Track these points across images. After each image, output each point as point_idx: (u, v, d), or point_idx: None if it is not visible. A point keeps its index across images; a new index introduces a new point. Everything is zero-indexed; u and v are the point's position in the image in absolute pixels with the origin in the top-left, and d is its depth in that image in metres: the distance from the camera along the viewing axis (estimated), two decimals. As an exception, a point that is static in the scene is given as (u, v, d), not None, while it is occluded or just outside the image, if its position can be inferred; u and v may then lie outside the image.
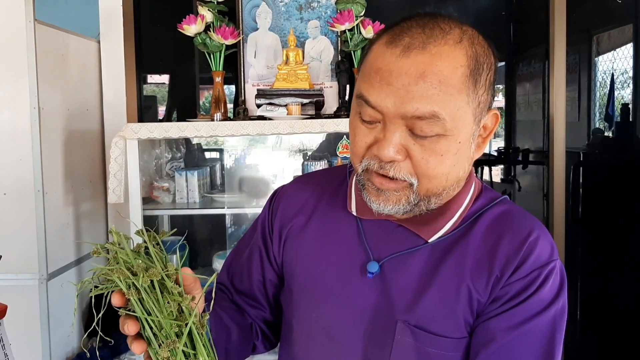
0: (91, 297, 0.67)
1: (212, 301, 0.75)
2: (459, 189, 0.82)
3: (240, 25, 2.30)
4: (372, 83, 0.73)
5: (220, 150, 2.69)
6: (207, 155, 2.72)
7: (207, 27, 2.17)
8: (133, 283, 0.64)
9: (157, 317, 0.64)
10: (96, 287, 0.68)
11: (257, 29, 2.31)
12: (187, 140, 2.57)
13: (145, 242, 0.68)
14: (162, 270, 0.65)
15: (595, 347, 2.66)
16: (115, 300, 0.67)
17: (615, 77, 2.76)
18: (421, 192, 0.76)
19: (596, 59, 2.88)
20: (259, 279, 0.94)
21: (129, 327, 0.66)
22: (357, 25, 2.16)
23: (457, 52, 0.72)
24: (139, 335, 0.68)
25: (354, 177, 0.90)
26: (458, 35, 0.73)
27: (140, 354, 0.67)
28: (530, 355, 0.75)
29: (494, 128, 0.80)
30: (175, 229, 0.71)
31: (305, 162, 2.37)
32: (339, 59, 2.28)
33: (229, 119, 2.20)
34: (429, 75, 0.70)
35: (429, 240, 0.81)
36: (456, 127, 0.73)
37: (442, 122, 0.71)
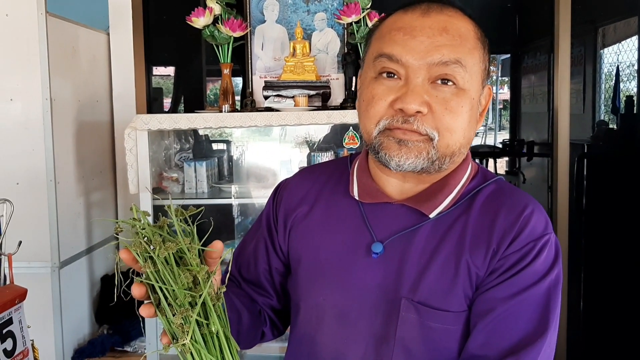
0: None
1: (228, 274, 0.78)
2: (459, 160, 0.86)
3: (248, 18, 2.33)
4: (395, 39, 0.80)
5: (228, 142, 2.72)
6: (215, 146, 2.76)
7: (215, 20, 2.19)
8: (150, 256, 0.67)
9: (172, 287, 0.67)
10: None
11: (264, 21, 2.34)
12: (195, 132, 2.61)
13: (171, 218, 0.72)
14: (184, 243, 0.68)
15: (599, 337, 2.69)
16: (130, 264, 0.70)
17: (620, 69, 2.77)
18: (441, 147, 0.80)
19: (601, 51, 2.88)
20: (265, 267, 0.98)
21: (133, 291, 0.70)
22: (363, 17, 2.18)
23: (467, 20, 0.82)
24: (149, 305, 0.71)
25: (356, 163, 0.94)
26: (463, 12, 0.83)
27: (148, 317, 0.71)
28: (526, 322, 0.78)
29: (487, 104, 0.86)
30: (203, 208, 0.75)
31: (312, 153, 2.40)
32: (346, 51, 2.30)
33: (237, 111, 2.23)
34: (451, 29, 0.79)
35: (430, 215, 0.84)
36: (471, 82, 0.80)
37: (463, 71, 0.78)
